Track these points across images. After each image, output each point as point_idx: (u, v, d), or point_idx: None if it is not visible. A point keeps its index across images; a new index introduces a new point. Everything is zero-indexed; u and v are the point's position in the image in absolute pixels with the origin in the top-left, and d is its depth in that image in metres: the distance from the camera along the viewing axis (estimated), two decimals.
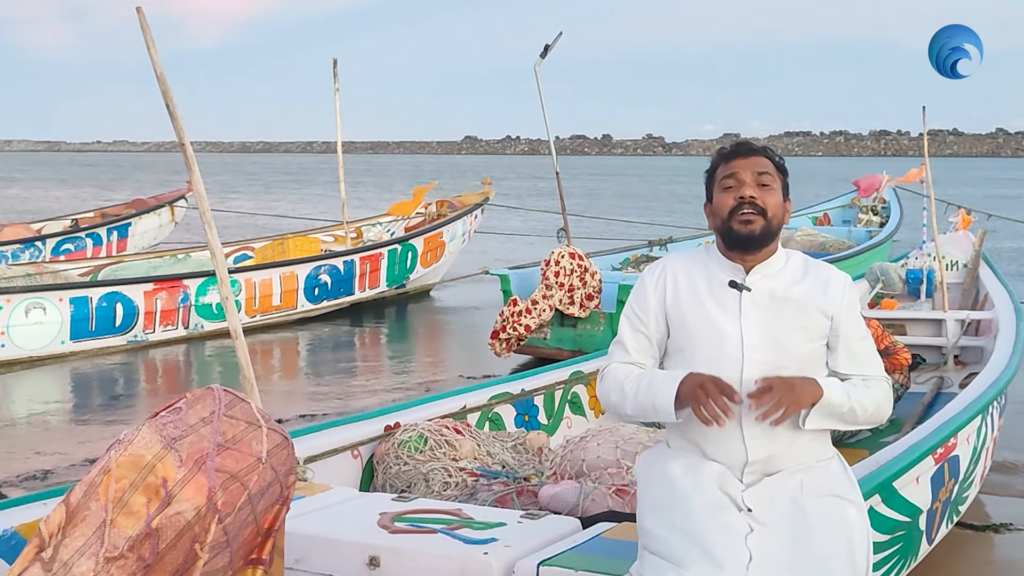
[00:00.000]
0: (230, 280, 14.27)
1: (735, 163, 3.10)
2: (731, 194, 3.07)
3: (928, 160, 9.38)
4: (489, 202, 16.77)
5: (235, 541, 2.95)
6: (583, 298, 9.90)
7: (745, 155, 3.10)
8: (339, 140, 14.26)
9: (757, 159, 3.10)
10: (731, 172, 3.09)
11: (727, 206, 3.07)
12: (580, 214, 22.62)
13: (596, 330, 9.88)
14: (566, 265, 9.87)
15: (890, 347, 6.75)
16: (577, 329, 9.98)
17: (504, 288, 10.52)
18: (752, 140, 3.24)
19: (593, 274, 10.03)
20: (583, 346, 9.77)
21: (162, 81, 3.91)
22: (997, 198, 38.00)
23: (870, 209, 17.68)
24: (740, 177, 3.07)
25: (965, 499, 5.42)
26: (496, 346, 9.87)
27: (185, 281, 12.06)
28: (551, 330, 10.05)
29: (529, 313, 9.83)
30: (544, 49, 11.37)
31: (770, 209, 3.06)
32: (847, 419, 3.03)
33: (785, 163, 3.19)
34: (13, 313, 10.81)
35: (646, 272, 3.25)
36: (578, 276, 9.92)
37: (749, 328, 3.03)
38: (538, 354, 10.17)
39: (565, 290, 9.86)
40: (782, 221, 3.13)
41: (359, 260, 13.91)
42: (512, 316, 9.82)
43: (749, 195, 3.04)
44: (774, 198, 3.08)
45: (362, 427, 5.06)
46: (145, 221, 18.82)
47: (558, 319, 10.01)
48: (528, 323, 9.81)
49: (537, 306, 9.85)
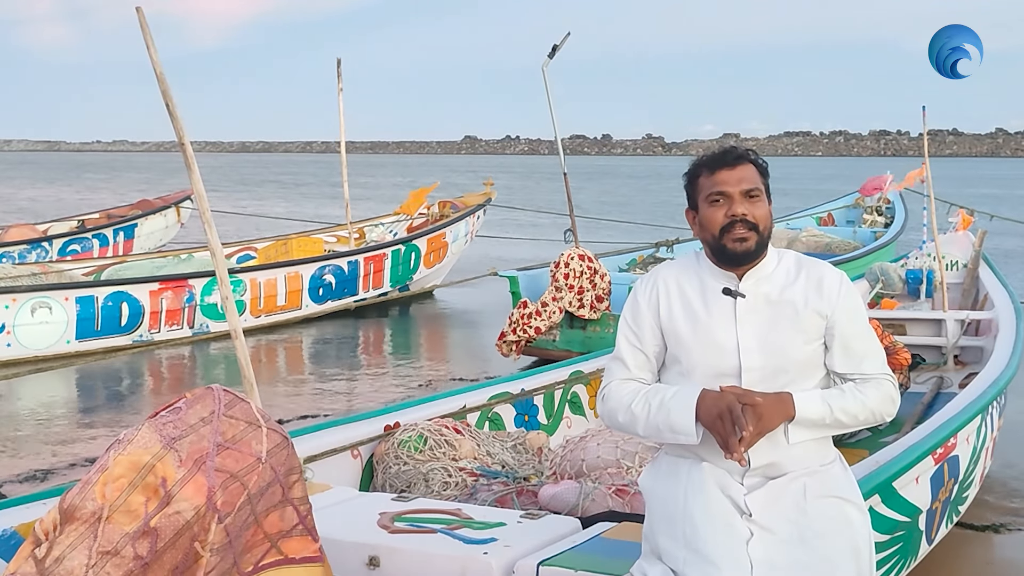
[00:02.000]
0: (235, 280, 14.24)
1: (721, 176, 3.03)
2: (720, 210, 3.02)
3: (928, 160, 9.38)
4: (491, 203, 16.78)
5: (237, 542, 2.95)
6: (593, 300, 9.91)
7: (731, 165, 3.04)
8: (343, 140, 14.25)
9: (743, 168, 3.04)
10: (720, 189, 3.02)
11: (717, 223, 3.02)
12: (594, 216, 22.60)
13: (606, 332, 9.84)
14: (575, 267, 9.88)
15: (890, 347, 6.76)
16: (587, 331, 9.98)
17: (513, 290, 10.50)
18: (751, 140, 3.21)
19: (603, 276, 10.03)
20: (592, 348, 9.65)
21: (162, 81, 3.91)
22: (989, 197, 37.95)
23: (874, 209, 17.62)
24: (728, 193, 3.01)
25: (965, 499, 5.42)
26: (504, 348, 9.88)
27: (190, 281, 12.06)
28: (560, 332, 10.05)
29: (539, 315, 9.85)
30: (552, 49, 11.35)
31: (760, 222, 3.02)
32: (834, 428, 2.99)
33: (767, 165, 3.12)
34: (19, 312, 10.81)
35: (638, 285, 3.21)
36: (587, 278, 9.92)
37: (745, 334, 3.00)
38: (547, 356, 10.10)
39: (575, 292, 9.87)
40: (771, 228, 3.10)
41: (363, 260, 13.93)
42: (522, 318, 9.83)
43: (741, 212, 3.00)
44: (762, 208, 3.04)
45: (362, 427, 5.06)
46: (151, 222, 18.78)
47: (567, 321, 10.02)
48: (538, 325, 9.83)
49: (547, 308, 9.87)
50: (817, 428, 2.97)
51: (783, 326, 3.02)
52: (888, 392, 3.06)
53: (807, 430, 2.96)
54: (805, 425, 2.94)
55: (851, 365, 3.05)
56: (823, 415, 2.96)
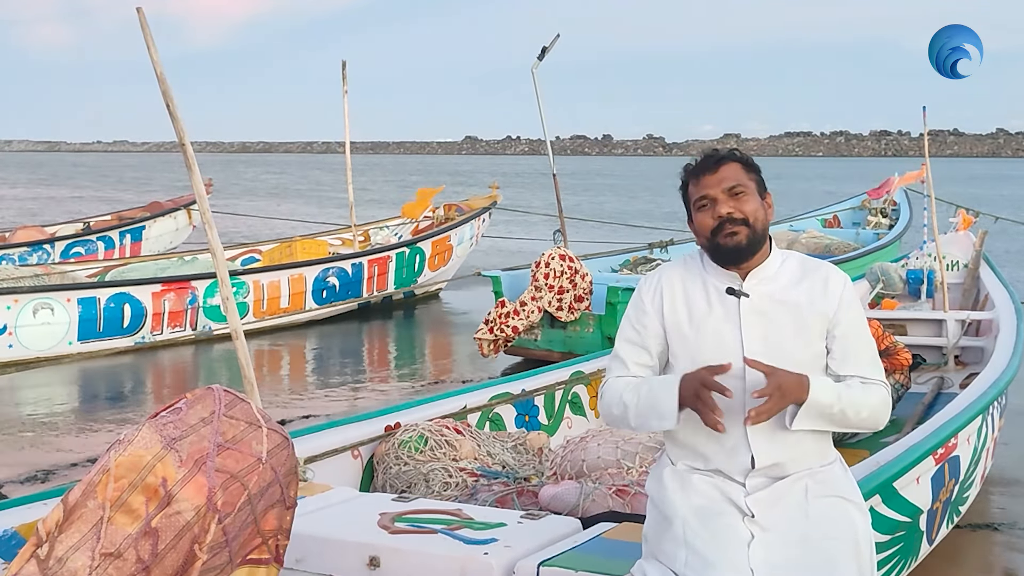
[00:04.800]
0: (238, 282, 14.23)
1: (704, 181, 3.06)
2: (708, 214, 3.05)
3: (929, 160, 9.38)
4: (497, 206, 16.76)
5: (234, 541, 2.95)
6: (572, 300, 9.95)
7: (712, 169, 3.06)
8: (347, 142, 14.24)
9: (724, 169, 3.06)
10: (703, 194, 3.06)
11: (708, 227, 3.05)
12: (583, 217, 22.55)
13: (586, 332, 9.92)
14: (556, 267, 9.92)
15: (891, 347, 6.75)
16: (567, 331, 10.03)
17: (496, 289, 10.55)
18: (751, 141, 3.21)
19: (584, 276, 10.06)
20: (573, 348, 9.82)
21: (162, 81, 3.92)
22: (997, 197, 37.94)
23: (879, 211, 17.60)
24: (712, 195, 3.04)
25: (966, 499, 5.42)
26: (484, 346, 9.91)
27: (193, 282, 12.05)
28: (542, 331, 10.09)
29: (517, 315, 9.88)
30: (541, 51, 11.48)
31: (750, 215, 3.03)
32: (837, 420, 2.99)
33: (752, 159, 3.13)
34: (21, 313, 10.81)
35: (642, 284, 3.22)
36: (568, 278, 9.95)
37: (749, 334, 3.01)
38: (528, 355, 10.23)
39: (555, 292, 9.91)
40: (766, 220, 3.10)
41: (367, 263, 13.94)
42: (499, 317, 9.88)
43: (725, 212, 3.02)
44: (750, 203, 3.04)
45: (362, 427, 5.06)
46: (160, 224, 18.59)
47: (548, 320, 10.06)
48: (516, 324, 9.86)
49: (526, 308, 9.90)
50: (822, 418, 2.96)
51: (786, 326, 3.02)
52: (885, 398, 3.07)
53: (811, 419, 2.94)
54: (813, 411, 2.93)
55: (851, 367, 3.05)
56: (832, 403, 2.95)
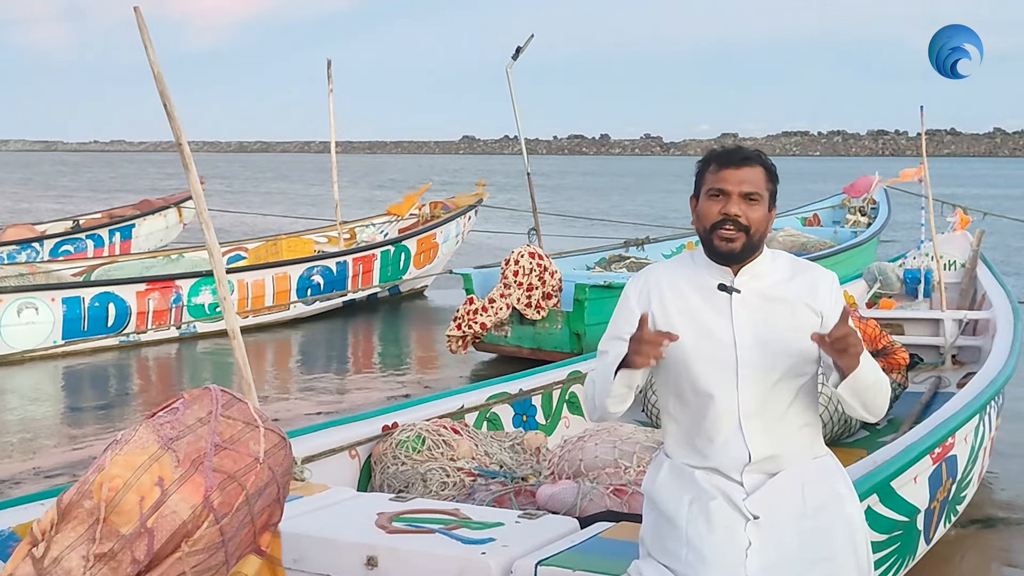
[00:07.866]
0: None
1: (724, 174, 3.04)
2: (716, 205, 3.04)
3: (926, 159, 9.38)
4: (483, 203, 16.79)
5: (231, 542, 2.94)
6: (540, 297, 10.03)
7: (737, 165, 3.05)
8: (332, 140, 14.28)
9: (748, 170, 3.05)
10: (719, 186, 3.04)
11: (711, 217, 3.05)
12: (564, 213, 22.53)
13: (554, 328, 10.03)
14: (525, 264, 10.00)
15: (888, 347, 6.76)
16: (536, 327, 10.12)
17: (467, 287, 10.60)
18: (748, 140, 3.21)
19: (552, 273, 10.15)
20: (542, 344, 9.99)
21: (159, 80, 3.91)
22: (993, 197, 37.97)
23: (858, 210, 17.67)
24: (728, 191, 3.03)
25: (963, 498, 5.42)
26: (453, 343, 9.98)
27: (177, 281, 12.07)
28: (511, 328, 10.18)
29: (485, 311, 9.96)
30: (516, 51, 11.76)
31: (753, 225, 3.03)
32: (866, 398, 2.97)
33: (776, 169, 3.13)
34: (5, 313, 10.81)
35: (629, 283, 3.22)
36: (537, 275, 10.04)
37: (741, 330, 3.02)
38: (498, 351, 10.36)
39: (523, 289, 9.99)
40: (765, 232, 3.10)
41: (352, 261, 13.94)
42: (468, 314, 9.96)
43: (733, 213, 3.01)
44: (759, 212, 3.04)
45: (360, 427, 5.06)
46: (150, 222, 18.59)
47: (517, 317, 10.14)
48: (484, 321, 9.94)
49: (494, 304, 9.98)
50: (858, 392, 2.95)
51: (778, 321, 3.03)
52: (889, 390, 3.09)
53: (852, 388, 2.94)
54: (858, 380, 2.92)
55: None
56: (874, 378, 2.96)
